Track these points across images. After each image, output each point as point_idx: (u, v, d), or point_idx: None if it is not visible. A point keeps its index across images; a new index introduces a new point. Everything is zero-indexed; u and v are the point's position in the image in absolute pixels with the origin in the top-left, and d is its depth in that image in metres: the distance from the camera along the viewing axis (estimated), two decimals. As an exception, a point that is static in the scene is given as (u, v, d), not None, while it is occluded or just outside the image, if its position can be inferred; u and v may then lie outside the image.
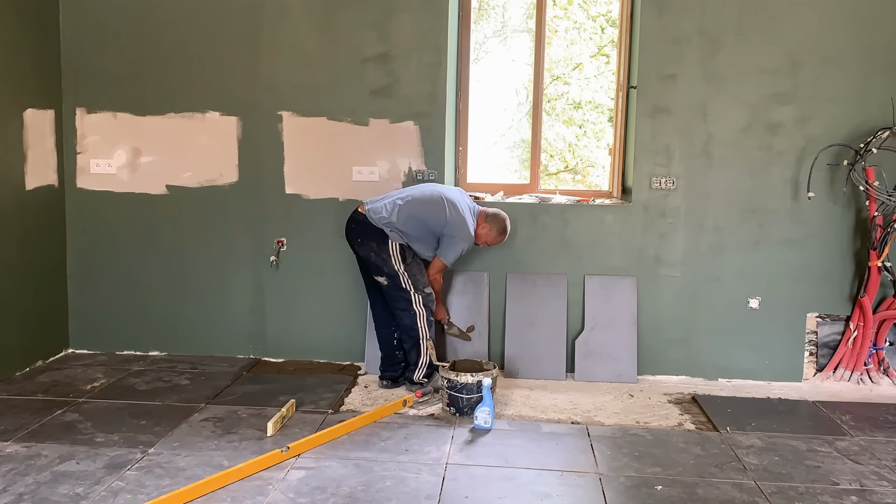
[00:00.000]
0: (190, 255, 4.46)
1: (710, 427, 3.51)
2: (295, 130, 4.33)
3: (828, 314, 4.25)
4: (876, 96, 4.06)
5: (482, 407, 3.41)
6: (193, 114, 4.36)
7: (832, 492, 2.85)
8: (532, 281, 4.30)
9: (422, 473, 2.94)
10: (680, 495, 2.79)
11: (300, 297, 4.40)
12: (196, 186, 4.42)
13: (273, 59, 4.30)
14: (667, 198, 4.22)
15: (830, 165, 4.11)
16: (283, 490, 2.77)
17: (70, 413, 3.50)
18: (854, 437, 3.41)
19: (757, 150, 4.15)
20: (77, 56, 4.38)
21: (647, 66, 4.16)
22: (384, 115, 4.29)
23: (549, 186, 4.78)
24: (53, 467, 2.91)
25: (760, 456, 3.17)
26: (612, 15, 5.39)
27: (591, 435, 3.38)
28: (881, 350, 4.17)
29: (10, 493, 2.70)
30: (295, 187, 4.37)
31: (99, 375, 4.09)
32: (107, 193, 4.46)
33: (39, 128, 4.24)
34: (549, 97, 5.34)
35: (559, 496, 2.78)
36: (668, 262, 4.25)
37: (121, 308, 4.52)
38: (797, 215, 4.17)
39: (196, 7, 4.30)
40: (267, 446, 3.14)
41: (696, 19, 4.09)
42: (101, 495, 2.69)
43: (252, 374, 4.20)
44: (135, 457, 3.03)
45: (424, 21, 4.20)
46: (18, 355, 4.14)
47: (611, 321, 4.23)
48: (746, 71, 4.10)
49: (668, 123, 4.18)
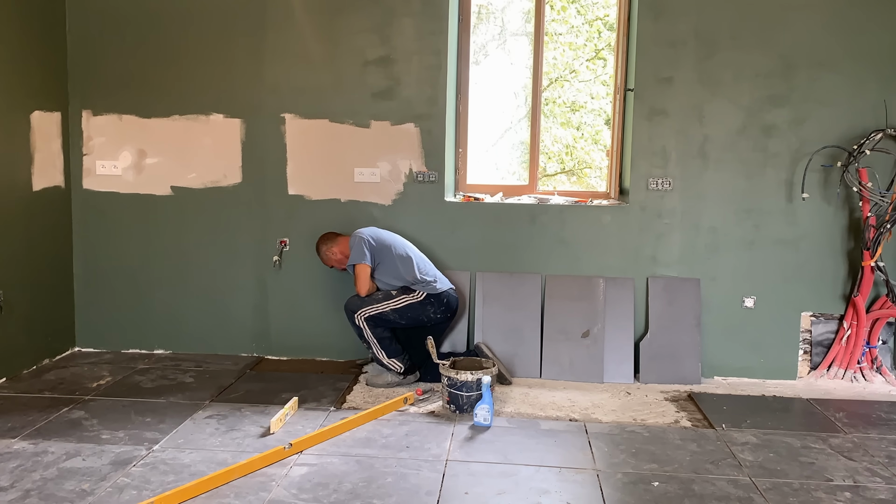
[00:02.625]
0: (194, 255, 4.50)
1: (706, 424, 3.52)
2: (297, 132, 4.37)
3: (822, 313, 4.28)
4: (869, 99, 4.09)
5: (482, 404, 3.44)
6: (198, 116, 4.40)
7: (826, 488, 2.86)
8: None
9: (422, 470, 2.95)
10: (676, 491, 2.81)
11: (303, 296, 4.44)
12: (200, 187, 4.46)
13: (276, 63, 4.34)
14: (663, 198, 4.26)
15: (824, 167, 4.15)
16: (285, 486, 2.78)
17: (76, 410, 3.53)
18: (847, 434, 3.42)
19: (752, 151, 4.19)
20: (83, 59, 4.42)
21: (643, 69, 4.20)
22: (385, 118, 4.33)
23: (547, 188, 4.81)
24: (60, 464, 2.93)
25: (755, 452, 3.18)
26: (609, 19, 5.42)
27: (588, 432, 3.39)
28: (874, 348, 4.20)
29: (18, 489, 2.71)
30: (297, 188, 4.42)
31: (105, 373, 4.12)
32: (112, 194, 4.50)
33: (46, 130, 4.28)
34: (547, 100, 5.38)
35: (557, 492, 2.79)
36: (664, 262, 4.30)
37: (126, 307, 4.56)
38: (791, 216, 4.20)
39: (200, 11, 4.34)
40: (270, 443, 3.16)
41: (692, 23, 4.13)
42: (106, 491, 2.71)
43: (255, 372, 4.23)
44: (140, 453, 3.05)
45: (425, 25, 4.24)
46: (26, 353, 4.17)
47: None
48: (741, 74, 4.14)
49: (665, 125, 4.22)
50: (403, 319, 3.93)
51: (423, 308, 3.93)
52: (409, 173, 4.36)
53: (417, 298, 3.92)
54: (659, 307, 4.27)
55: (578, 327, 4.27)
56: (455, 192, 4.59)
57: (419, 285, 3.95)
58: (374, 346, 3.90)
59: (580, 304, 4.28)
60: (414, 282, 3.95)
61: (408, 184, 4.37)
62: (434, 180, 4.35)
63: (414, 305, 3.92)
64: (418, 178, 4.35)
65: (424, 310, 3.94)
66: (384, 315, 3.89)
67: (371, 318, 3.87)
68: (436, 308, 3.96)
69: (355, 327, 3.91)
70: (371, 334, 3.88)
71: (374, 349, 3.91)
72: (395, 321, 3.92)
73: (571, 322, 4.27)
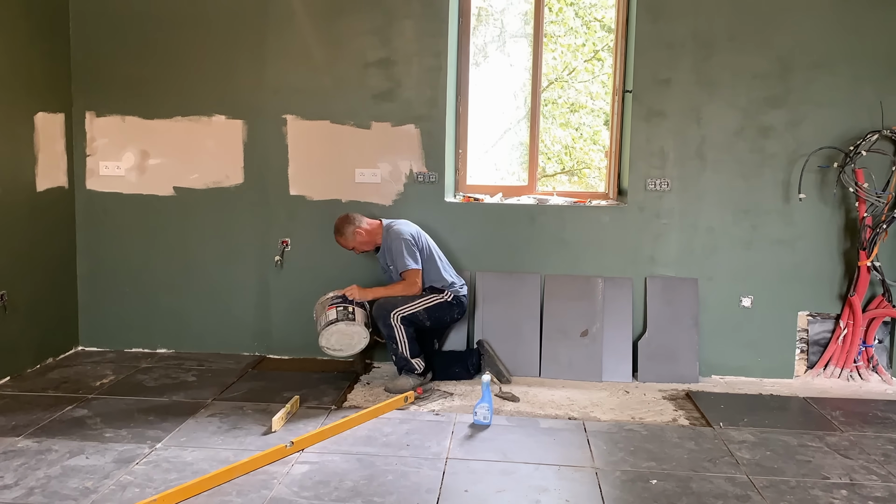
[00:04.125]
0: (197, 254, 4.53)
1: (704, 423, 3.54)
2: (299, 134, 4.40)
3: (818, 313, 4.30)
4: (865, 100, 4.12)
5: (481, 403, 3.46)
6: (200, 117, 4.42)
7: (823, 486, 2.88)
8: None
9: (422, 468, 2.97)
10: (674, 489, 2.82)
11: (304, 295, 4.45)
12: (202, 188, 4.48)
13: (278, 65, 4.36)
14: (661, 199, 4.29)
15: (821, 167, 4.17)
16: (287, 484, 2.80)
17: (80, 409, 3.54)
18: (844, 432, 3.44)
19: (749, 152, 4.21)
20: (87, 61, 4.45)
21: (642, 70, 4.22)
22: (386, 119, 4.35)
23: (546, 188, 4.84)
24: (64, 462, 2.94)
25: (753, 451, 3.20)
26: (606, 21, 5.45)
27: (587, 430, 3.41)
28: (870, 347, 4.22)
29: (22, 487, 2.73)
30: (299, 189, 4.44)
31: (108, 372, 4.15)
32: (115, 195, 4.52)
33: (50, 131, 4.30)
34: (546, 101, 5.41)
35: (556, 490, 2.81)
36: (662, 262, 4.32)
37: (129, 306, 4.59)
38: (788, 216, 4.23)
39: (203, 13, 4.36)
40: (272, 441, 3.17)
41: (690, 25, 4.15)
42: (110, 489, 2.73)
43: (257, 370, 4.25)
44: (143, 451, 3.06)
45: (425, 27, 4.27)
46: (30, 353, 4.20)
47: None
48: (739, 75, 4.16)
49: (663, 126, 4.24)
50: (430, 320, 3.98)
51: (450, 308, 4.02)
52: (409, 174, 4.39)
53: (447, 299, 4.00)
54: (657, 307, 4.29)
55: (577, 327, 4.29)
56: (455, 192, 4.61)
57: (448, 288, 4.03)
58: (404, 345, 3.91)
59: (579, 303, 4.31)
60: (442, 286, 4.02)
61: (408, 184, 4.39)
62: (434, 181, 4.37)
63: (443, 305, 3.99)
64: (418, 178, 4.38)
65: (451, 310, 4.04)
66: (417, 315, 3.94)
67: (405, 318, 3.91)
68: (459, 310, 4.08)
69: (386, 326, 3.92)
70: (403, 333, 3.90)
71: (401, 348, 3.91)
72: (422, 321, 3.96)
73: (570, 321, 4.30)
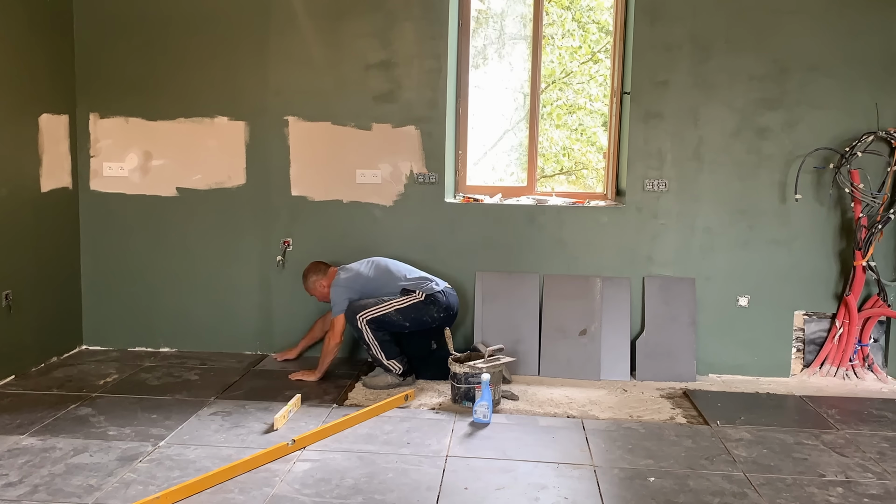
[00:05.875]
0: (199, 254, 4.55)
1: (701, 421, 3.56)
2: (301, 135, 4.43)
3: (814, 312, 4.33)
4: (861, 102, 4.14)
5: (481, 401, 3.47)
6: (203, 119, 4.45)
7: (819, 483, 2.89)
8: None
9: (423, 465, 2.98)
10: (672, 487, 2.83)
11: (305, 295, 4.46)
12: (205, 189, 4.51)
13: (280, 67, 4.39)
14: (659, 199, 4.32)
15: (817, 168, 4.20)
16: (289, 482, 2.81)
17: (84, 407, 3.56)
18: (840, 430, 3.46)
19: (746, 153, 4.24)
20: (91, 63, 4.47)
21: (640, 72, 4.25)
22: (386, 120, 4.38)
23: (545, 189, 4.87)
24: (67, 459, 2.96)
25: (749, 448, 3.21)
26: (604, 19, 5.47)
27: (586, 428, 3.43)
28: (866, 346, 4.25)
29: (26, 485, 2.74)
30: (301, 189, 4.47)
31: (111, 371, 4.17)
32: (119, 195, 4.55)
33: (54, 132, 4.33)
34: (545, 102, 5.44)
35: (555, 487, 2.82)
36: (660, 262, 4.35)
37: (133, 306, 4.61)
38: (785, 217, 4.26)
39: (206, 16, 4.39)
40: (273, 439, 3.19)
41: (688, 28, 4.18)
42: (113, 487, 2.74)
43: (259, 369, 4.28)
44: (146, 449, 3.07)
45: (425, 29, 4.29)
46: (34, 351, 4.22)
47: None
48: (736, 77, 4.19)
49: (661, 128, 4.27)
50: (407, 321, 3.95)
51: (426, 308, 3.96)
52: (409, 175, 4.42)
53: (419, 298, 3.96)
54: (655, 306, 4.33)
55: (576, 326, 4.33)
56: (455, 193, 4.64)
57: (414, 285, 4.00)
58: (375, 347, 3.92)
59: (578, 303, 4.34)
60: (407, 284, 4.01)
61: (408, 185, 4.42)
62: (434, 181, 4.40)
63: (417, 306, 3.95)
64: (419, 179, 4.41)
65: (428, 310, 3.96)
66: (387, 318, 3.92)
67: (373, 321, 3.91)
68: (438, 308, 3.98)
69: (355, 329, 3.94)
70: (372, 336, 3.90)
71: (374, 351, 3.92)
72: (399, 324, 3.94)
73: (569, 321, 4.33)
